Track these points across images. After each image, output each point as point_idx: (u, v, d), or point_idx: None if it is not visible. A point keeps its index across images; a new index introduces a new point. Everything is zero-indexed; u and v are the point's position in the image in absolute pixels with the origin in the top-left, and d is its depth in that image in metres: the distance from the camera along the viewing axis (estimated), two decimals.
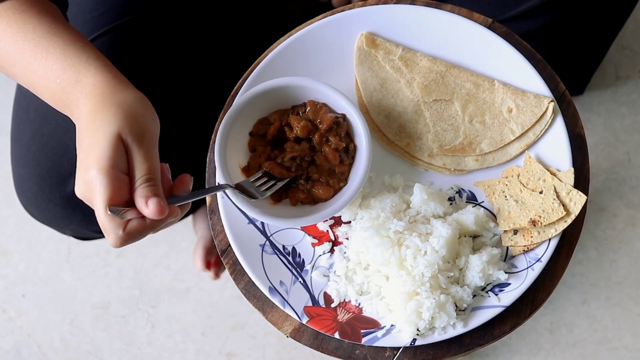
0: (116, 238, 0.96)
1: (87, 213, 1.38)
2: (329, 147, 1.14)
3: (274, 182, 1.13)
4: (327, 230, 1.17)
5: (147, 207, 0.94)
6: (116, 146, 0.95)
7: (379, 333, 1.11)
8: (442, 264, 1.10)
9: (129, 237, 0.97)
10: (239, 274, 1.17)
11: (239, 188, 1.10)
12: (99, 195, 0.94)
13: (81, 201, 1.35)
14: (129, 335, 1.95)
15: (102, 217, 0.95)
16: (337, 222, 1.18)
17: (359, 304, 1.14)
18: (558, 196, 1.12)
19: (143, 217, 0.96)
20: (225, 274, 1.92)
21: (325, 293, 1.15)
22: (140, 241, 2.01)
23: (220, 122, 1.16)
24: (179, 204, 1.01)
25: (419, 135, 1.19)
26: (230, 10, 1.49)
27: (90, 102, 1.01)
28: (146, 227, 0.97)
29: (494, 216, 1.16)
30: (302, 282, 1.15)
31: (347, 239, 1.16)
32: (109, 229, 0.96)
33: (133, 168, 0.97)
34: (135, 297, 1.97)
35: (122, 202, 0.95)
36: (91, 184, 0.95)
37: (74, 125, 1.33)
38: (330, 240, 1.17)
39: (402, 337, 1.11)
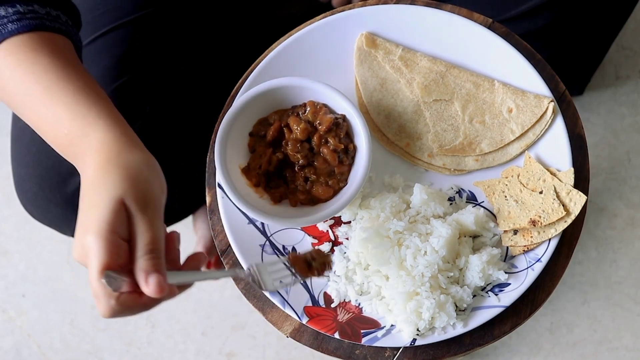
0: (107, 308, 0.90)
1: None
2: (327, 149, 1.14)
3: (291, 275, 1.03)
4: (327, 231, 1.17)
5: (147, 284, 0.88)
6: (117, 211, 0.90)
7: (379, 333, 1.11)
8: (442, 264, 1.10)
9: (122, 310, 0.91)
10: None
11: (253, 273, 1.02)
12: (94, 260, 0.89)
13: None
14: (129, 335, 1.95)
15: (95, 283, 0.89)
16: (337, 222, 1.18)
17: (359, 304, 1.14)
18: (558, 196, 1.12)
19: (139, 291, 0.90)
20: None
21: (325, 293, 1.15)
22: None
23: (220, 122, 1.16)
24: (180, 284, 0.95)
25: (419, 135, 1.19)
26: (230, 11, 1.49)
27: (95, 160, 0.96)
28: (141, 303, 0.91)
29: (494, 216, 1.16)
30: (302, 282, 1.15)
31: (347, 239, 1.16)
32: (101, 296, 0.90)
33: (135, 236, 0.91)
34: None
35: (118, 269, 0.89)
36: (87, 248, 0.90)
37: None
38: (330, 240, 1.17)
39: (402, 337, 1.11)
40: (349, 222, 1.17)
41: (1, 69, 1.05)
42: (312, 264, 1.03)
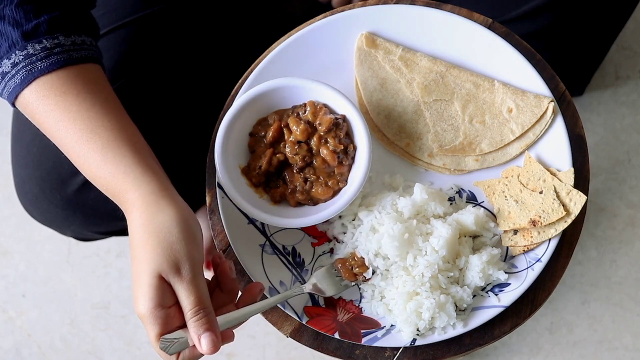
0: None
1: (87, 214, 1.38)
2: (327, 149, 1.14)
3: (342, 279, 1.14)
4: (327, 231, 1.18)
5: (201, 345, 0.97)
6: (157, 286, 0.97)
7: (379, 333, 1.11)
8: (442, 264, 1.10)
9: None
10: (239, 274, 1.17)
11: (315, 288, 1.12)
12: (149, 332, 0.98)
13: (82, 202, 1.36)
14: (129, 335, 1.95)
15: (156, 349, 0.99)
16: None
17: (359, 304, 1.14)
18: (558, 196, 1.12)
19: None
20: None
21: None
22: None
23: (220, 122, 1.16)
24: (235, 326, 1.03)
25: (419, 135, 1.19)
26: (230, 11, 1.49)
27: (134, 222, 1.01)
28: (197, 355, 1.00)
29: (494, 216, 1.16)
30: (302, 282, 1.15)
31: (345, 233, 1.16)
32: (163, 357, 1.00)
33: (181, 300, 0.98)
34: None
35: (174, 329, 0.98)
36: (142, 319, 0.98)
37: None
38: (330, 240, 1.17)
39: (402, 337, 1.11)
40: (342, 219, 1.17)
41: (34, 111, 1.08)
42: (355, 270, 1.13)
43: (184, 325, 0.98)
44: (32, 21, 1.07)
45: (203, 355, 1.00)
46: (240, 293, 1.06)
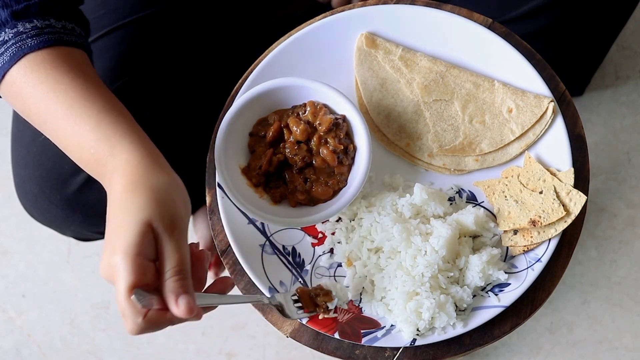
0: (134, 325, 0.93)
1: (87, 214, 1.38)
2: (327, 149, 1.14)
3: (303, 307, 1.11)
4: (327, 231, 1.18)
5: (177, 305, 0.91)
6: (145, 233, 0.92)
7: (379, 333, 1.11)
8: (442, 264, 1.10)
9: (148, 326, 0.93)
10: (239, 274, 1.17)
11: (276, 304, 1.09)
12: (122, 280, 0.91)
13: (82, 202, 1.36)
14: (129, 336, 1.95)
15: (123, 302, 0.92)
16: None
17: (359, 304, 1.14)
18: (558, 196, 1.12)
19: (165, 308, 0.93)
20: (225, 274, 1.92)
21: None
22: None
23: (220, 122, 1.16)
24: (205, 305, 0.98)
25: (419, 135, 1.19)
26: (229, 11, 1.49)
27: (122, 181, 0.97)
28: (167, 319, 0.94)
29: (494, 216, 1.16)
30: (302, 282, 1.15)
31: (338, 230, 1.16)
32: (128, 314, 0.92)
33: (163, 257, 0.93)
34: None
35: (145, 288, 0.92)
36: (115, 268, 0.92)
37: None
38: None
39: (402, 337, 1.11)
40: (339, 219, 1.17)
41: (22, 87, 1.05)
42: (317, 300, 1.10)
43: (153, 288, 0.93)
44: (22, 3, 1.06)
45: (165, 324, 0.94)
46: (211, 283, 1.03)
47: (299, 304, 1.09)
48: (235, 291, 1.14)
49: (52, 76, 1.04)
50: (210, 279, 1.95)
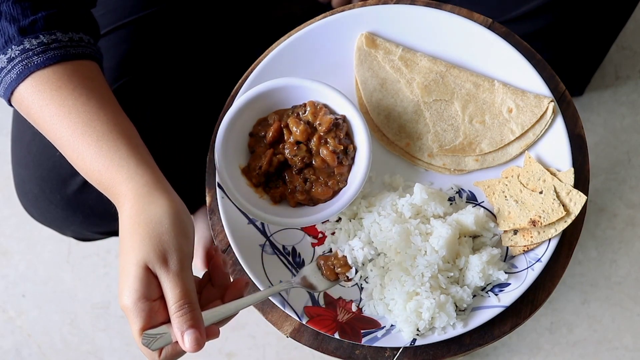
0: None
1: (87, 215, 1.38)
2: (327, 149, 1.14)
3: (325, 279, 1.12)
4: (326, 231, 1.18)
5: (184, 341, 0.94)
6: (143, 277, 0.94)
7: (379, 333, 1.11)
8: (442, 264, 1.10)
9: None
10: (239, 274, 1.17)
11: (304, 281, 1.10)
12: (132, 325, 0.96)
13: (82, 202, 1.36)
14: (129, 335, 1.95)
15: (138, 344, 0.97)
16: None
17: (359, 304, 1.14)
18: (558, 196, 1.12)
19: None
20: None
21: (325, 293, 1.15)
22: None
23: (220, 122, 1.16)
24: (221, 321, 0.99)
25: (419, 135, 1.19)
26: (230, 11, 1.49)
27: (123, 217, 1.00)
28: (181, 351, 0.97)
29: (494, 216, 1.16)
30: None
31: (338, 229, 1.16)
32: (145, 354, 0.98)
33: (165, 294, 0.96)
34: None
35: (158, 324, 0.96)
36: (125, 312, 0.96)
37: None
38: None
39: (402, 337, 1.11)
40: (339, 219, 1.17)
41: (30, 106, 1.07)
42: (336, 269, 1.11)
43: (168, 321, 0.96)
44: (29, 17, 1.06)
45: (182, 353, 0.97)
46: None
47: (319, 277, 1.11)
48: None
49: (56, 98, 1.05)
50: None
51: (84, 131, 1.04)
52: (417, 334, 1.10)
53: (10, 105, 1.11)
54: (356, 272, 1.11)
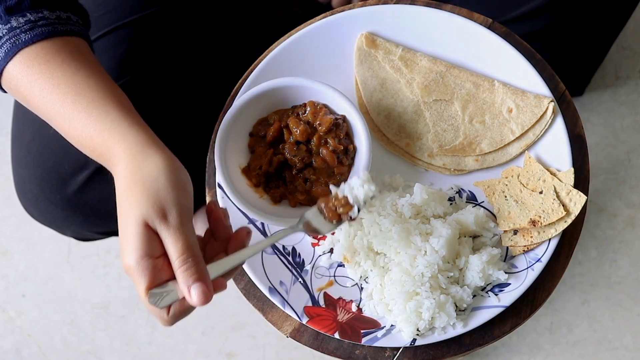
0: (163, 321, 0.96)
1: (87, 214, 1.38)
2: (327, 149, 1.14)
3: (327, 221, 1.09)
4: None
5: (191, 296, 0.91)
6: (143, 234, 0.93)
7: (379, 333, 1.11)
8: (442, 264, 1.10)
9: (176, 318, 0.96)
10: (239, 274, 1.17)
11: (307, 226, 1.07)
12: (137, 285, 0.93)
13: (82, 202, 1.36)
14: (129, 335, 1.95)
15: (145, 304, 0.94)
16: None
17: (359, 304, 1.14)
18: (558, 196, 1.12)
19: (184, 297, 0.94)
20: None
21: (325, 293, 1.15)
22: None
23: (220, 122, 1.16)
24: (228, 271, 0.97)
25: (419, 135, 1.19)
26: (230, 11, 1.49)
27: (119, 178, 0.98)
28: (189, 307, 0.96)
29: (494, 216, 1.16)
30: (302, 282, 1.15)
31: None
32: (153, 312, 0.96)
33: (167, 250, 0.94)
34: (135, 297, 1.97)
35: (163, 282, 0.94)
36: (128, 273, 0.94)
37: None
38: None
39: (402, 337, 1.11)
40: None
41: (19, 84, 1.07)
42: (338, 209, 1.07)
43: (173, 278, 0.94)
44: None
45: (194, 308, 0.95)
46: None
47: (321, 221, 1.08)
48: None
49: (45, 71, 1.05)
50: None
51: (74, 99, 1.03)
52: (417, 334, 1.10)
53: (1, 89, 1.11)
54: (358, 210, 1.08)
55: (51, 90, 1.04)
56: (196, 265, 0.92)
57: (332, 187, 1.09)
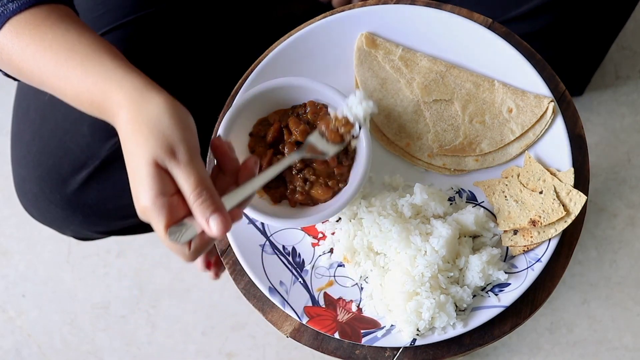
0: (185, 257, 0.96)
1: (87, 214, 1.38)
2: None
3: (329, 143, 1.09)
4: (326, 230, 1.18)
5: (210, 228, 0.92)
6: (155, 174, 0.93)
7: (379, 333, 1.11)
8: (442, 264, 1.10)
9: (198, 253, 0.96)
10: (239, 274, 1.17)
11: (312, 149, 1.06)
12: (155, 224, 0.94)
13: (81, 202, 1.36)
14: (129, 335, 1.95)
15: (165, 242, 0.95)
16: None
17: (359, 304, 1.14)
18: (558, 196, 1.12)
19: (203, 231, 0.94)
20: (225, 274, 1.91)
21: (325, 293, 1.15)
22: (141, 241, 2.01)
23: (220, 122, 1.16)
24: (241, 201, 0.97)
25: (419, 135, 1.19)
26: (230, 11, 1.49)
27: (122, 125, 0.99)
28: (209, 240, 0.96)
29: (494, 216, 1.16)
30: (302, 282, 1.15)
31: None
32: (175, 251, 0.96)
33: (180, 187, 0.94)
34: (135, 297, 1.97)
35: (181, 219, 0.94)
36: (145, 215, 0.94)
37: (75, 125, 1.33)
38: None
39: (402, 337, 1.11)
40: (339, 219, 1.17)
41: (11, 53, 1.07)
42: (340, 130, 1.08)
43: (189, 214, 0.94)
44: None
45: (214, 240, 0.96)
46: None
47: (324, 142, 1.08)
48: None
49: (36, 36, 1.05)
50: (211, 277, 1.95)
51: (67, 57, 1.04)
52: (417, 334, 1.10)
53: None
54: (360, 128, 1.07)
55: (43, 52, 1.05)
56: (211, 198, 0.93)
57: (329, 110, 1.09)
